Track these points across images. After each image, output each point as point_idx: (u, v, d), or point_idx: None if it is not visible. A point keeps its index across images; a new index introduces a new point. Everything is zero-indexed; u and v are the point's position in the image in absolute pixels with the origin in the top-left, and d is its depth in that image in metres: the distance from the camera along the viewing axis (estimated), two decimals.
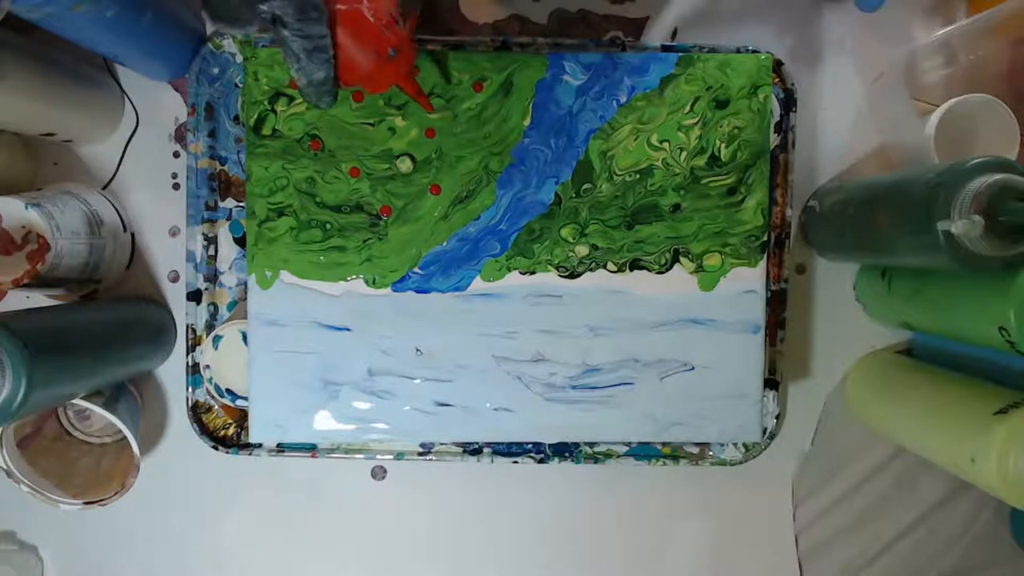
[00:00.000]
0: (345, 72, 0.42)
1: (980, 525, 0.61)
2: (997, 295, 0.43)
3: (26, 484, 0.54)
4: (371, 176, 0.53)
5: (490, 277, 0.54)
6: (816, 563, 0.61)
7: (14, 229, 0.51)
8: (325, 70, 0.41)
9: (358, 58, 0.42)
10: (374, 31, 0.41)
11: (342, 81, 0.43)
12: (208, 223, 0.56)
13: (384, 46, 0.42)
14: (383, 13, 0.41)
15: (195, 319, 0.57)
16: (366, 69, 0.43)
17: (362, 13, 0.40)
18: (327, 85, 0.42)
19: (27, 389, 0.41)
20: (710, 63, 0.54)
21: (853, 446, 0.61)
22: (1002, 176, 0.41)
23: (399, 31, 0.42)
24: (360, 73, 0.43)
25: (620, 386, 0.54)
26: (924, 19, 0.59)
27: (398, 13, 0.42)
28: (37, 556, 0.60)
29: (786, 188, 0.57)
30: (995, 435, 0.43)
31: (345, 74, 0.43)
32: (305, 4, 0.38)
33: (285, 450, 0.57)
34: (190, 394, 0.57)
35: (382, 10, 0.41)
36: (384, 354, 0.54)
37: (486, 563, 0.61)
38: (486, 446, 0.57)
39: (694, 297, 0.54)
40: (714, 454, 0.58)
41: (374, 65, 0.43)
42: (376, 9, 0.41)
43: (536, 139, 0.53)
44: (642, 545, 0.61)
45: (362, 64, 0.42)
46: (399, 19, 0.42)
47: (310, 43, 0.40)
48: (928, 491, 0.61)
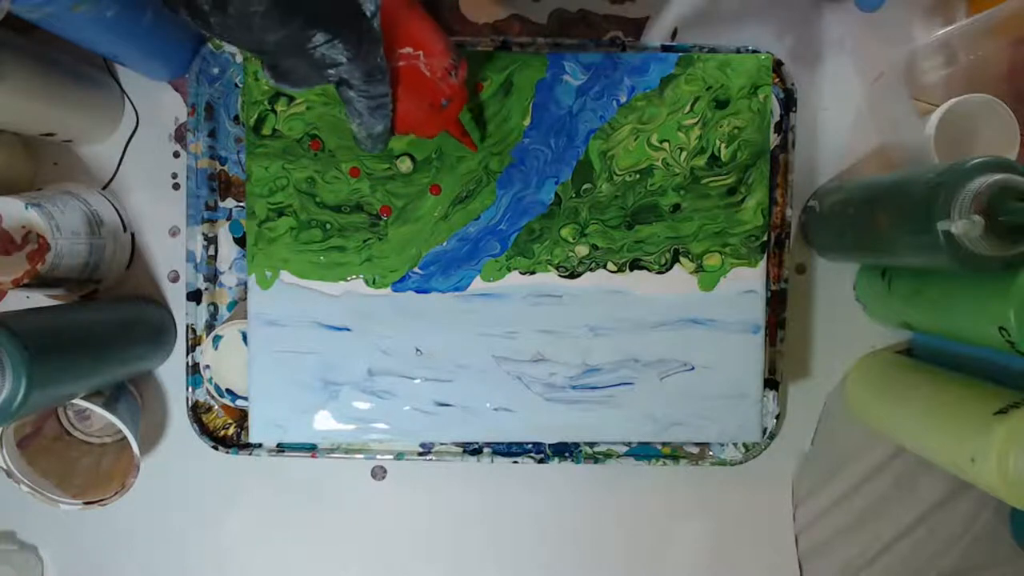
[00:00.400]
0: (401, 123, 0.44)
1: (980, 525, 0.61)
2: (997, 295, 0.43)
3: (26, 484, 0.54)
4: (371, 176, 0.53)
5: (490, 277, 0.54)
6: (816, 563, 0.61)
7: (14, 229, 0.51)
8: (384, 123, 0.42)
9: (413, 110, 0.44)
10: (430, 85, 0.43)
11: (397, 130, 0.44)
12: (208, 223, 0.56)
13: (438, 97, 0.44)
14: (437, 67, 0.43)
15: (195, 319, 0.57)
16: (420, 119, 0.45)
17: (419, 68, 0.42)
18: (385, 135, 0.43)
19: (27, 389, 0.42)
20: (710, 63, 0.54)
21: (853, 446, 0.61)
22: (1002, 176, 0.41)
23: (452, 82, 0.44)
24: (413, 122, 0.45)
25: (620, 386, 0.54)
26: (924, 19, 0.59)
27: (451, 64, 0.43)
28: (37, 556, 0.60)
29: (786, 188, 0.57)
30: (995, 435, 0.43)
31: (401, 124, 0.44)
32: (373, 68, 0.39)
33: (285, 450, 0.57)
34: (190, 394, 0.57)
35: (436, 65, 0.43)
36: (384, 354, 0.54)
37: (486, 563, 0.61)
38: (486, 446, 0.57)
39: (694, 297, 0.54)
40: (714, 454, 0.58)
41: (427, 115, 0.45)
42: (431, 64, 0.42)
43: (536, 139, 0.53)
44: (642, 545, 0.61)
45: (417, 115, 0.44)
46: (452, 70, 0.44)
47: (374, 102, 0.41)
48: (928, 491, 0.61)
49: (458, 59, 0.44)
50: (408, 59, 0.42)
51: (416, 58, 0.42)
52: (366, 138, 0.43)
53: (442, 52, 0.43)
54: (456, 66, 0.44)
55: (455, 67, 0.44)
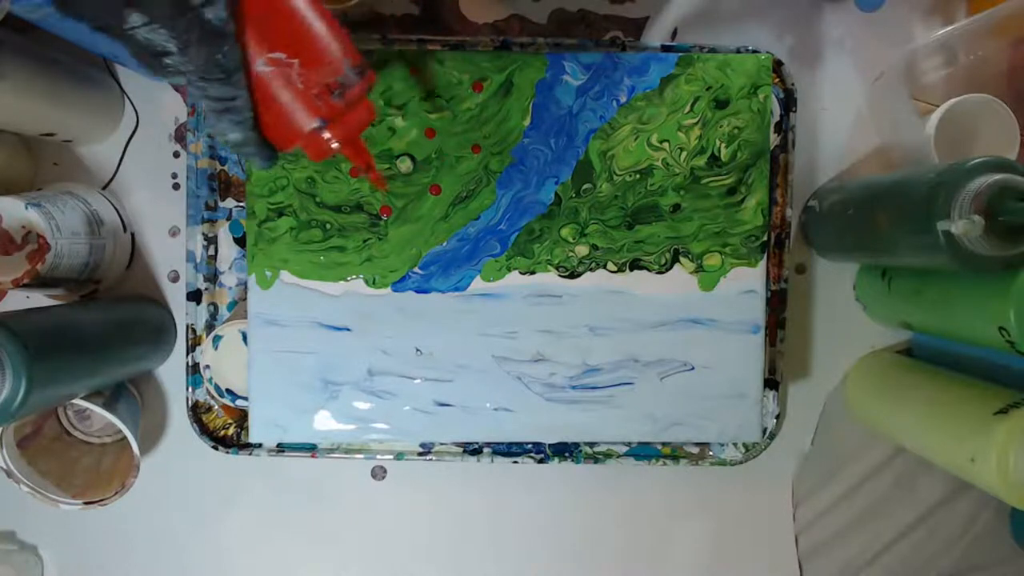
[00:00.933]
0: (272, 135, 0.39)
1: (980, 525, 0.61)
2: (997, 295, 0.43)
3: (26, 484, 0.54)
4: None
5: (490, 277, 0.54)
6: (816, 563, 0.61)
7: (14, 229, 0.51)
8: (240, 131, 0.39)
9: (280, 125, 0.39)
10: (301, 99, 0.38)
11: (275, 145, 0.40)
12: (208, 223, 0.56)
13: (310, 116, 0.38)
14: (315, 82, 0.37)
15: (195, 319, 0.57)
16: (289, 136, 0.39)
17: (290, 78, 0.37)
18: (250, 147, 0.39)
19: (27, 389, 0.41)
20: (710, 63, 0.54)
21: (853, 446, 0.61)
22: (1002, 176, 0.41)
23: (333, 103, 0.38)
24: (288, 139, 0.39)
25: (620, 386, 0.54)
26: (924, 19, 0.59)
27: (338, 83, 0.38)
28: (37, 556, 0.60)
29: (786, 188, 0.57)
30: (995, 435, 0.43)
31: (271, 137, 0.39)
32: (209, 65, 0.36)
33: (285, 450, 0.57)
34: (190, 394, 0.57)
35: (314, 79, 0.37)
36: (384, 354, 0.54)
37: (486, 563, 0.61)
38: (486, 446, 0.57)
39: (694, 297, 0.54)
40: (714, 454, 0.58)
41: (300, 134, 0.39)
42: (307, 77, 0.37)
43: (536, 139, 0.53)
44: (642, 545, 0.61)
45: (285, 131, 0.39)
46: (338, 89, 0.38)
47: (218, 104, 0.37)
48: (928, 491, 0.61)
49: (354, 78, 0.38)
50: (278, 65, 0.37)
51: (288, 66, 0.37)
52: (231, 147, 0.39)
53: (328, 65, 0.38)
54: (346, 85, 0.38)
55: (344, 86, 0.38)
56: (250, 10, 0.36)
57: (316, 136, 0.39)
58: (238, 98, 0.37)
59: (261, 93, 0.38)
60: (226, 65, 0.36)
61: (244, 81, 0.37)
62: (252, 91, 0.38)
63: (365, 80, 0.39)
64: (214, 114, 0.38)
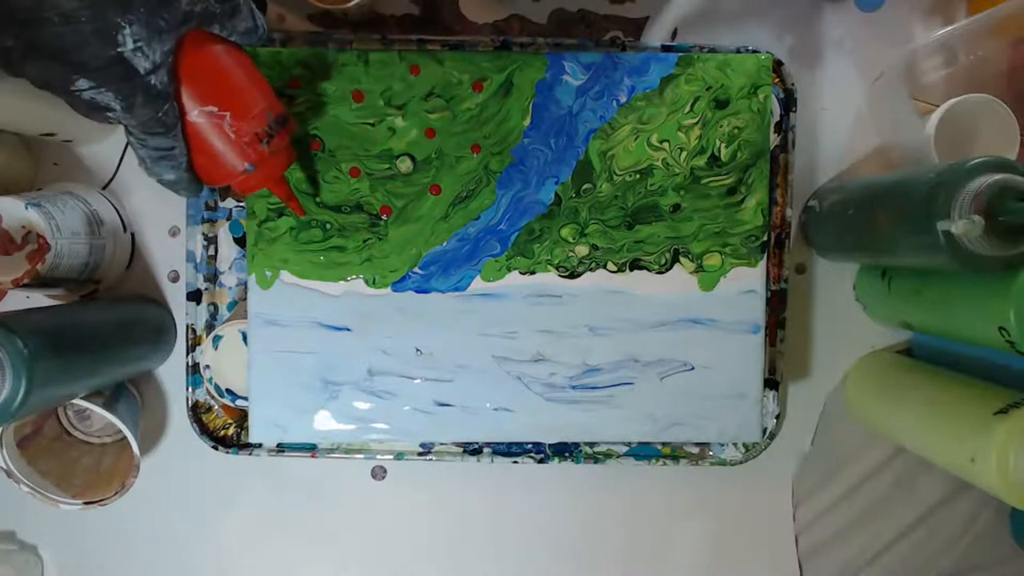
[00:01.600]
0: (204, 176, 0.44)
1: (980, 525, 0.61)
2: (997, 295, 0.43)
3: (26, 484, 0.54)
4: (371, 176, 0.53)
5: (490, 277, 0.54)
6: (816, 563, 0.61)
7: (14, 229, 0.51)
8: (174, 173, 0.42)
9: (212, 168, 0.43)
10: (234, 146, 0.42)
11: (207, 183, 0.44)
12: (208, 223, 0.56)
13: (240, 161, 0.43)
14: (245, 131, 0.42)
15: (195, 319, 0.57)
16: (220, 176, 0.44)
17: (223, 128, 0.42)
18: (182, 184, 0.43)
19: (27, 389, 0.41)
20: (710, 63, 0.54)
21: (853, 446, 0.61)
22: (1002, 176, 0.41)
23: (261, 150, 0.43)
24: (220, 179, 0.44)
25: (620, 386, 0.54)
26: (924, 19, 0.59)
27: (265, 132, 0.43)
28: (37, 556, 0.60)
29: (786, 188, 0.57)
30: (995, 435, 0.43)
31: (205, 177, 0.44)
32: (150, 121, 0.39)
33: (285, 450, 0.57)
34: (190, 394, 0.57)
35: (245, 129, 0.42)
36: (384, 354, 0.54)
37: (486, 563, 0.61)
38: (486, 446, 0.57)
39: (694, 297, 0.54)
40: (714, 454, 0.58)
41: (232, 175, 0.43)
42: (238, 127, 0.42)
43: (536, 139, 0.53)
44: (642, 545, 0.61)
45: (217, 172, 0.43)
46: (265, 138, 0.43)
47: (156, 153, 0.41)
48: (928, 491, 0.61)
49: (277, 127, 0.43)
50: (211, 117, 0.41)
51: (221, 118, 0.41)
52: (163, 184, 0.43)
53: (256, 117, 0.42)
54: (272, 134, 0.43)
55: (269, 135, 0.43)
56: (187, 67, 0.40)
57: (247, 177, 0.44)
58: (175, 148, 0.41)
59: (195, 139, 0.42)
60: (166, 122, 0.40)
61: (182, 131, 0.41)
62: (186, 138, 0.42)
63: (286, 129, 0.45)
64: (150, 160, 0.41)
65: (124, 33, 0.36)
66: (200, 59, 0.41)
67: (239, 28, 0.43)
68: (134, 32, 0.37)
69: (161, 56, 0.38)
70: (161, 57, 0.38)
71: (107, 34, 0.36)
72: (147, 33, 0.37)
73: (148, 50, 0.38)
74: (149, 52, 0.38)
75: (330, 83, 0.52)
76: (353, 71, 0.52)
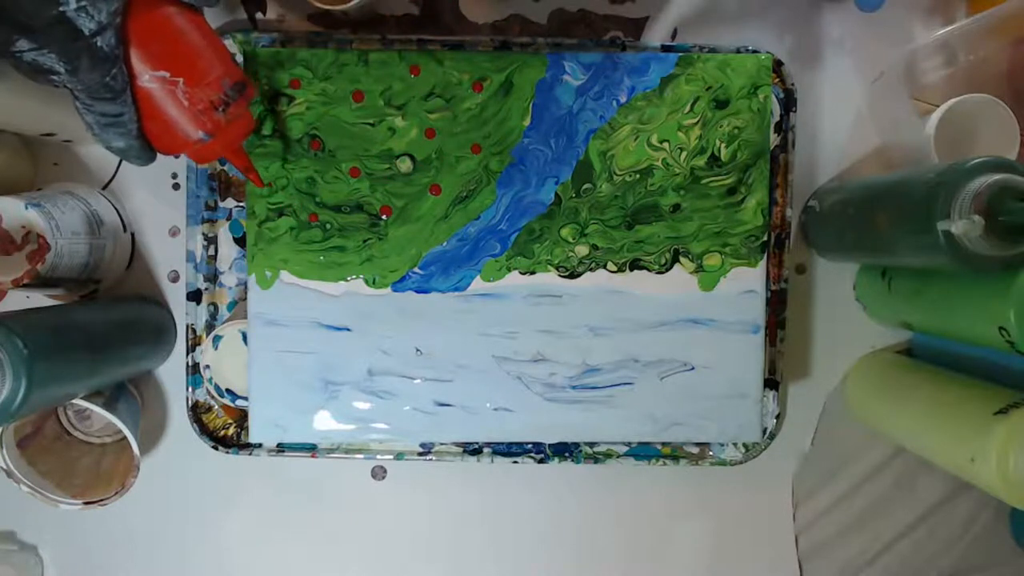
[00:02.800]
0: (158, 143, 0.42)
1: (980, 525, 0.61)
2: (997, 295, 0.43)
3: (26, 484, 0.54)
4: (371, 176, 0.53)
5: (490, 277, 0.54)
6: (816, 563, 0.61)
7: (14, 229, 0.51)
8: (124, 140, 0.41)
9: (165, 135, 0.42)
10: (188, 114, 0.41)
11: (162, 151, 0.43)
12: (208, 223, 0.56)
13: (194, 129, 0.41)
14: (200, 98, 0.41)
15: (195, 319, 0.57)
16: (174, 144, 0.42)
17: (175, 95, 0.40)
18: (132, 151, 0.42)
19: (27, 389, 0.41)
20: (710, 63, 0.54)
21: (853, 446, 0.61)
22: (1002, 176, 0.41)
23: (216, 118, 0.41)
24: (174, 147, 0.43)
25: (620, 386, 0.54)
26: (924, 19, 0.59)
27: (221, 100, 0.41)
28: (37, 556, 0.60)
29: (786, 188, 0.57)
30: (995, 435, 0.43)
31: (158, 145, 0.42)
32: (97, 85, 0.37)
33: (285, 450, 0.57)
34: (190, 394, 0.57)
35: (199, 96, 0.40)
36: (384, 354, 0.54)
37: (486, 563, 0.61)
38: (486, 446, 0.57)
39: (694, 297, 0.54)
40: (714, 454, 0.58)
41: (186, 144, 0.42)
42: (192, 94, 0.40)
43: (536, 139, 0.53)
44: (642, 545, 0.61)
45: (170, 140, 0.42)
46: (221, 106, 0.41)
47: (104, 119, 0.39)
48: (928, 491, 0.61)
49: (234, 95, 0.42)
50: (163, 83, 0.39)
51: (174, 84, 0.39)
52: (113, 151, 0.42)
53: (212, 83, 0.41)
54: (228, 102, 0.42)
55: (225, 103, 0.42)
56: (136, 30, 0.38)
57: (203, 145, 0.43)
58: (124, 113, 0.39)
59: (146, 104, 0.40)
60: (114, 86, 0.38)
61: (131, 97, 0.39)
62: (137, 103, 0.40)
63: (244, 96, 0.43)
64: (98, 127, 0.40)
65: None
66: (151, 22, 0.39)
67: None
68: None
69: (107, 16, 0.36)
70: (107, 17, 0.36)
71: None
72: None
73: (93, 10, 0.35)
74: (94, 12, 0.36)
75: (330, 83, 0.52)
76: (353, 71, 0.52)
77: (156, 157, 0.44)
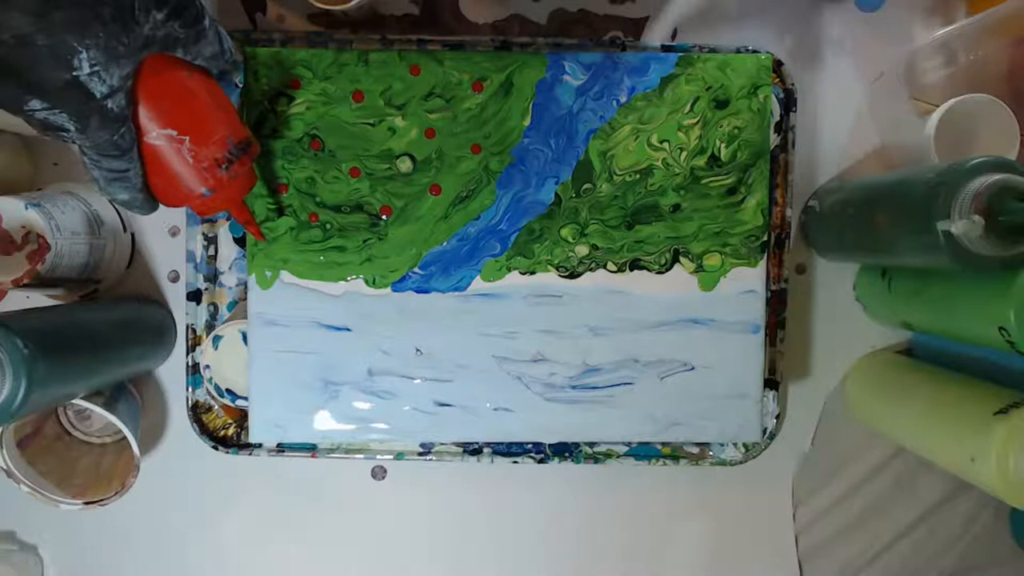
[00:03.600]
0: (161, 197, 0.43)
1: (980, 525, 0.61)
2: (997, 295, 0.43)
3: (26, 484, 0.54)
4: (371, 176, 0.53)
5: (490, 277, 0.54)
6: (816, 563, 0.61)
7: (14, 229, 0.51)
8: (128, 193, 0.42)
9: (170, 190, 0.43)
10: (192, 170, 0.42)
11: (164, 203, 0.44)
12: (208, 223, 0.56)
13: (198, 186, 0.42)
14: (205, 156, 0.42)
15: (195, 319, 0.57)
16: (178, 199, 0.43)
17: (181, 153, 0.41)
18: (135, 203, 0.43)
19: (27, 389, 0.41)
20: (710, 63, 0.54)
21: (853, 446, 0.61)
22: (1002, 176, 0.41)
23: (219, 175, 0.43)
24: (177, 201, 0.44)
25: (620, 386, 0.54)
26: (924, 19, 0.59)
27: (225, 158, 0.42)
28: (37, 556, 0.60)
29: (786, 188, 0.57)
30: (995, 435, 0.43)
31: (162, 198, 0.43)
32: (105, 144, 0.38)
33: (285, 450, 0.57)
34: (190, 394, 0.57)
35: (204, 154, 0.42)
36: (384, 354, 0.54)
37: (486, 563, 0.61)
38: (486, 446, 0.57)
39: (694, 297, 0.54)
40: (714, 454, 0.58)
41: (190, 198, 0.43)
42: (197, 152, 0.41)
43: (536, 139, 0.53)
44: (642, 545, 0.61)
45: (174, 195, 0.43)
46: (224, 164, 0.43)
47: (110, 174, 0.40)
48: (928, 491, 0.61)
49: (238, 153, 0.43)
50: (170, 140, 0.41)
51: (180, 142, 0.41)
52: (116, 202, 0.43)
53: (217, 142, 0.42)
54: (232, 160, 0.43)
55: (229, 160, 0.43)
56: (146, 89, 0.40)
57: (206, 200, 0.44)
58: (130, 169, 0.40)
59: (152, 160, 0.41)
60: (122, 144, 0.39)
61: (138, 154, 0.40)
62: (143, 159, 0.41)
63: (248, 154, 0.44)
64: (104, 181, 0.41)
65: (80, 58, 0.35)
66: (161, 82, 0.40)
67: (205, 53, 0.42)
68: (91, 57, 0.35)
69: (119, 80, 0.37)
70: (119, 81, 0.37)
71: (63, 58, 0.35)
72: (105, 58, 0.36)
73: (105, 75, 0.36)
74: (106, 76, 0.37)
75: (330, 83, 0.52)
76: (353, 71, 0.52)
77: (158, 208, 0.44)
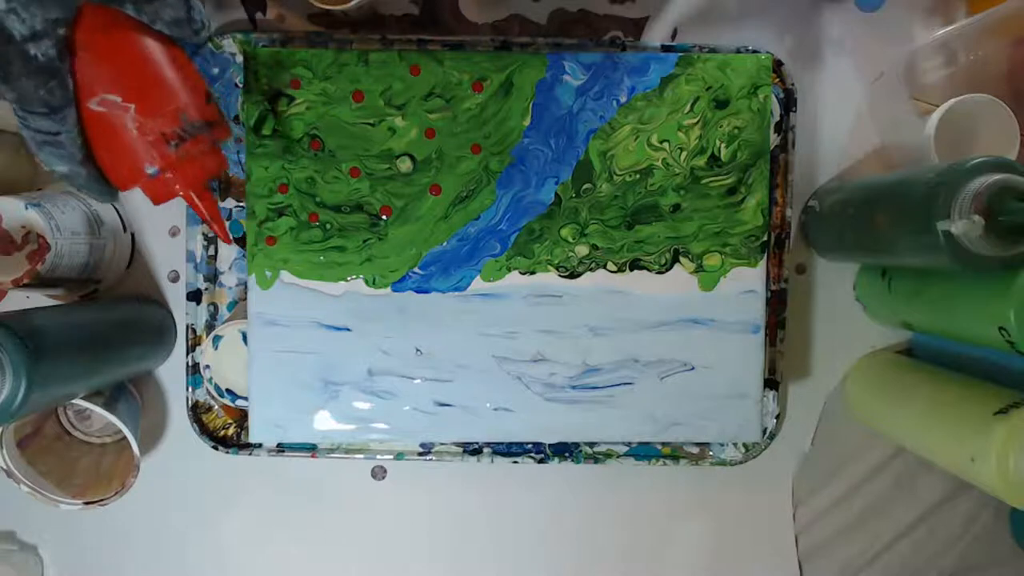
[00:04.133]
0: (111, 174, 0.39)
1: (980, 525, 0.61)
2: (997, 295, 0.43)
3: (26, 484, 0.54)
4: (371, 176, 0.53)
5: (490, 277, 0.54)
6: (816, 563, 0.61)
7: (14, 229, 0.51)
8: (66, 165, 0.38)
9: (115, 165, 0.39)
10: (138, 144, 0.38)
11: (116, 184, 0.40)
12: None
13: (141, 162, 0.38)
14: (151, 129, 0.37)
15: (195, 319, 0.57)
16: (132, 178, 0.39)
17: (123, 122, 0.37)
18: (80, 181, 0.39)
19: (27, 389, 0.41)
20: (710, 63, 0.54)
21: (853, 446, 0.61)
22: (1002, 176, 0.41)
23: (168, 153, 0.38)
24: (125, 180, 0.39)
25: (620, 386, 0.54)
26: (924, 19, 0.59)
27: (176, 134, 0.38)
28: (37, 556, 0.60)
29: (786, 188, 0.57)
30: (995, 435, 0.43)
31: (112, 176, 0.39)
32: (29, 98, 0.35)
33: (285, 450, 0.57)
34: (190, 394, 0.57)
35: (151, 126, 0.37)
36: (384, 354, 0.54)
37: (486, 563, 0.61)
38: (486, 446, 0.57)
39: (694, 297, 0.54)
40: (714, 454, 0.58)
41: (136, 178, 0.39)
42: (143, 124, 0.37)
43: (536, 139, 0.53)
44: (642, 545, 0.61)
45: (121, 172, 0.39)
46: (175, 140, 0.38)
47: (40, 136, 0.37)
48: (928, 491, 0.61)
49: (193, 131, 0.39)
50: (111, 107, 0.37)
51: (123, 109, 0.37)
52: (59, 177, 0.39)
53: (168, 116, 0.38)
54: (184, 137, 0.38)
55: (181, 138, 0.38)
56: (88, 47, 0.36)
57: (155, 181, 0.39)
58: (62, 134, 0.37)
59: (98, 131, 0.38)
60: (51, 102, 0.36)
61: (73, 117, 0.37)
62: (85, 128, 0.37)
63: (209, 135, 0.40)
64: (35, 144, 0.37)
65: None
66: (109, 42, 0.37)
67: (163, 16, 0.38)
68: None
69: (43, 24, 0.35)
70: (43, 25, 0.35)
71: None
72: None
73: (24, 13, 0.34)
74: (25, 15, 0.34)
75: (330, 83, 0.52)
76: (353, 71, 0.52)
77: (117, 194, 0.41)
